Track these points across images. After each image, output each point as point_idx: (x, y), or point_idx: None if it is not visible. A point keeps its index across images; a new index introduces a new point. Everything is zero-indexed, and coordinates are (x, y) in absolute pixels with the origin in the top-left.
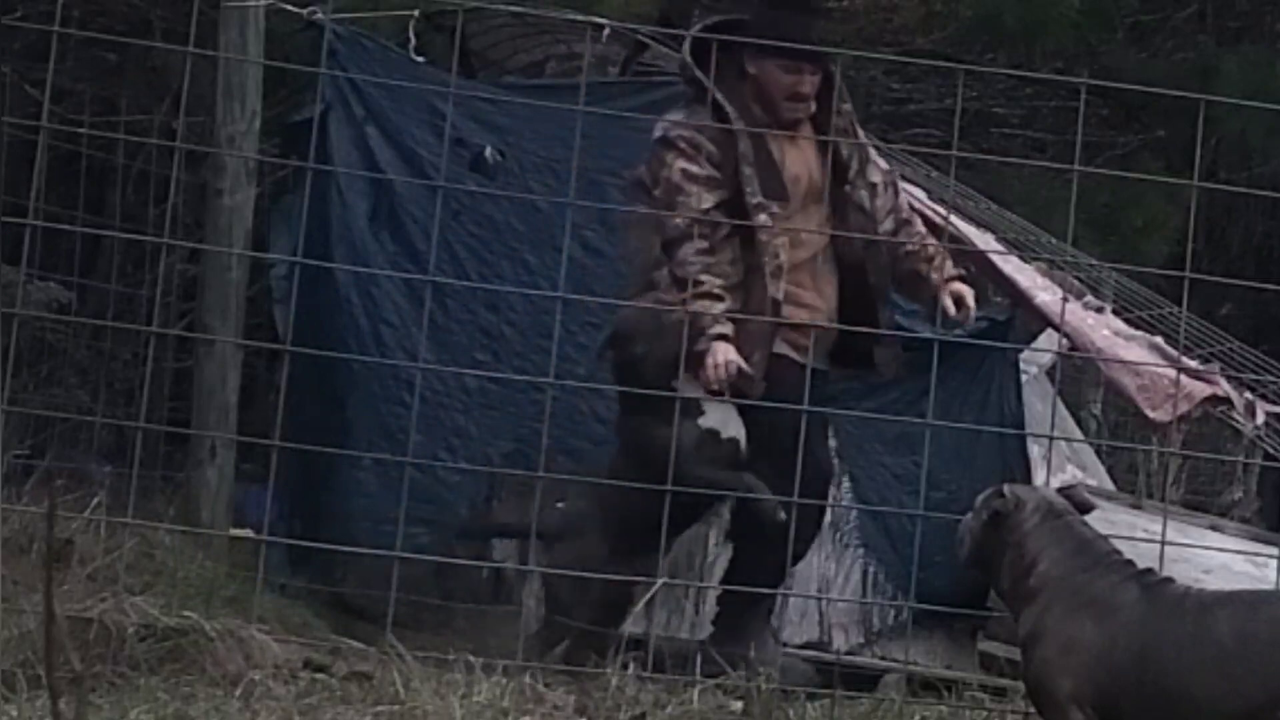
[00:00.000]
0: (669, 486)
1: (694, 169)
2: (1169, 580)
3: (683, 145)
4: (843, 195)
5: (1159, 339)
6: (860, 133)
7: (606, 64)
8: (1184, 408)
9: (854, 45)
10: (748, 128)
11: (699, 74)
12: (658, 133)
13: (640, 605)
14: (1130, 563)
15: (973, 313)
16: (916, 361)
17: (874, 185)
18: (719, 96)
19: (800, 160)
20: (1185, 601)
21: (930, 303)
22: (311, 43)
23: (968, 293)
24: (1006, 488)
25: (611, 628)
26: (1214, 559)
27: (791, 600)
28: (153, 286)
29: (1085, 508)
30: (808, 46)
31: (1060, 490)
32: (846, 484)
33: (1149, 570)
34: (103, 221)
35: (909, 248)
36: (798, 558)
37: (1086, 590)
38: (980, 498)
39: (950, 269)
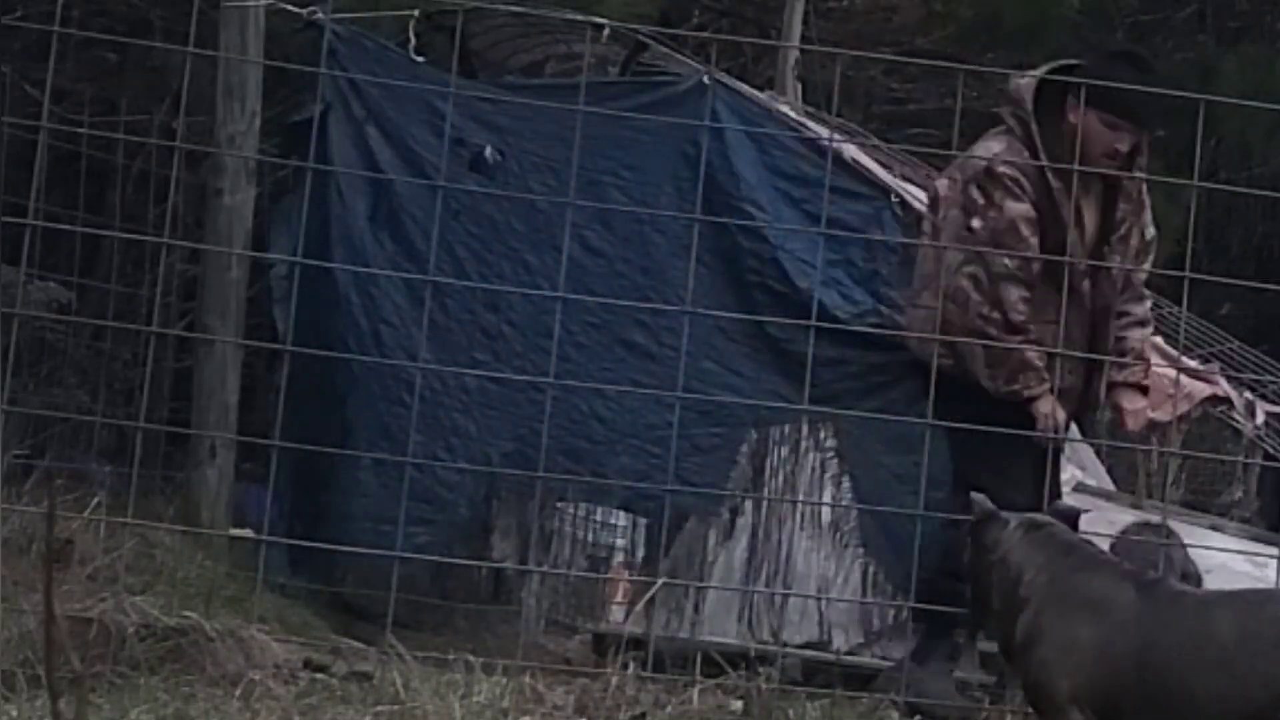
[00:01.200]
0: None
1: (1026, 210)
2: (1165, 579)
3: (1009, 183)
4: (1100, 255)
5: (1159, 339)
6: (1145, 198)
7: (606, 64)
8: (1184, 407)
9: (854, 45)
10: (1058, 178)
11: (1029, 118)
12: (981, 163)
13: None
14: (1122, 562)
15: (1133, 425)
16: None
17: (1128, 249)
18: (1037, 142)
19: (1086, 214)
20: (1185, 601)
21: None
22: (311, 43)
23: (1130, 411)
24: (975, 496)
25: None
26: (1214, 559)
27: (791, 600)
28: (152, 286)
29: (1071, 518)
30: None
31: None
32: (846, 484)
33: (1144, 570)
34: (103, 221)
35: (1122, 326)
36: None
37: (1081, 590)
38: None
39: (1135, 375)
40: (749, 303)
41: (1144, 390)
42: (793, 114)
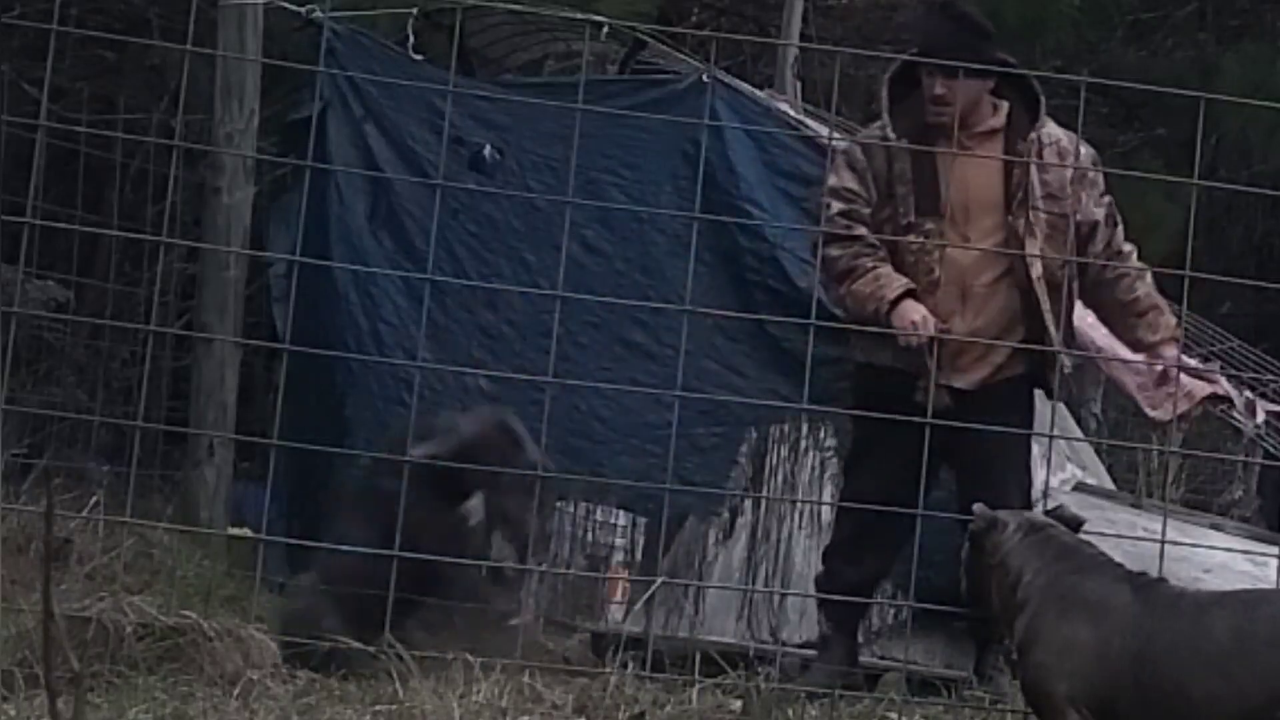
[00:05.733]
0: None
1: (834, 181)
2: (1162, 581)
3: (839, 158)
4: (1006, 220)
5: None
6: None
7: (605, 62)
8: (1184, 406)
9: (854, 43)
10: (905, 142)
11: (884, 96)
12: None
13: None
14: (1119, 565)
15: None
16: None
17: (1045, 215)
18: (885, 116)
19: (964, 178)
20: (1181, 602)
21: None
22: (310, 41)
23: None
24: (977, 506)
25: None
26: (1214, 558)
27: (791, 600)
28: (151, 285)
29: (1074, 524)
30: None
31: (1048, 511)
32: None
33: (1141, 572)
34: (101, 220)
35: (1124, 288)
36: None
37: (1077, 592)
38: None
39: (1165, 325)
40: (749, 302)
41: (1174, 340)
42: (792, 112)
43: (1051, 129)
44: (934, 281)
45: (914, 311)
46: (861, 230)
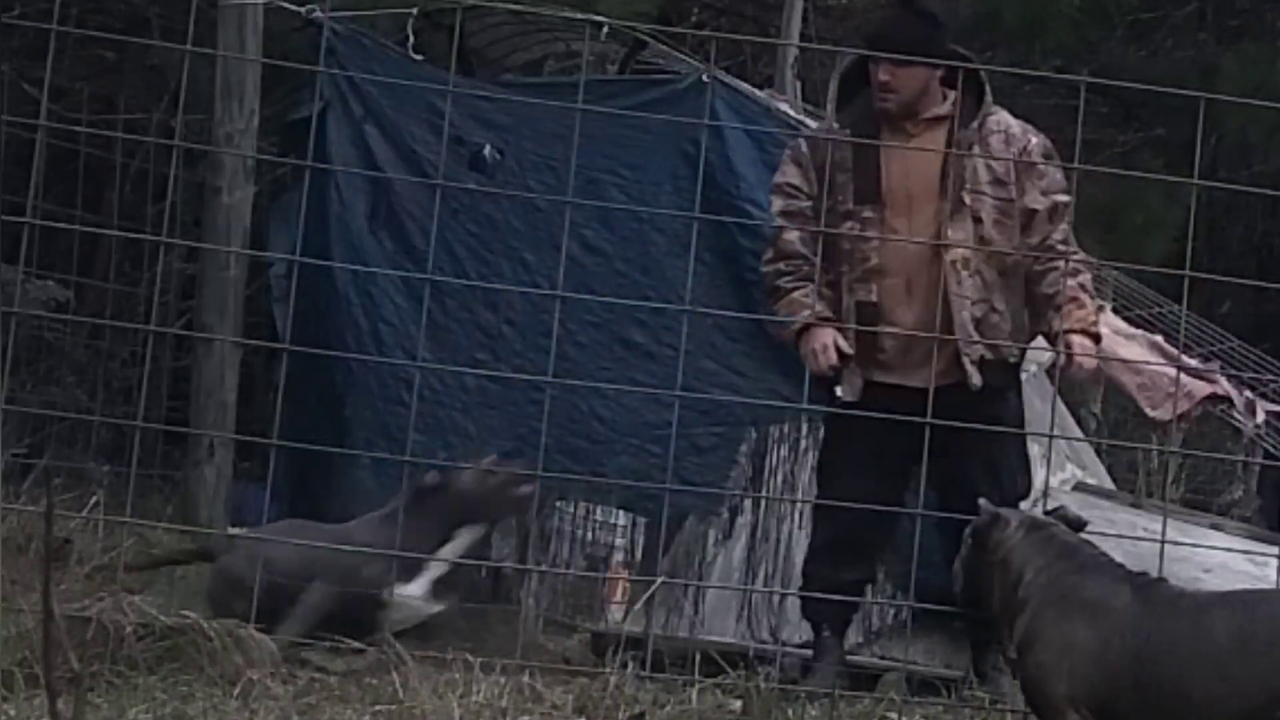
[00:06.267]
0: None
1: (779, 177)
2: (1162, 581)
3: (786, 153)
4: (945, 205)
5: (1159, 337)
6: (1046, 169)
7: (605, 62)
8: (1184, 406)
9: (854, 43)
10: (848, 133)
11: (833, 88)
12: None
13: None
14: (1120, 565)
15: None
16: None
17: (993, 201)
18: (829, 107)
19: (905, 166)
20: (1181, 602)
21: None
22: (310, 41)
23: (1079, 358)
24: (981, 501)
25: None
26: (1214, 558)
27: (791, 600)
28: (151, 285)
29: (1077, 526)
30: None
31: (1049, 511)
32: None
33: (1141, 572)
34: (101, 220)
35: (1050, 282)
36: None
37: (1078, 593)
38: (966, 530)
39: (1076, 318)
40: (749, 302)
41: (1095, 338)
42: (792, 112)
43: (1002, 117)
44: (871, 270)
45: (816, 340)
46: (791, 236)
